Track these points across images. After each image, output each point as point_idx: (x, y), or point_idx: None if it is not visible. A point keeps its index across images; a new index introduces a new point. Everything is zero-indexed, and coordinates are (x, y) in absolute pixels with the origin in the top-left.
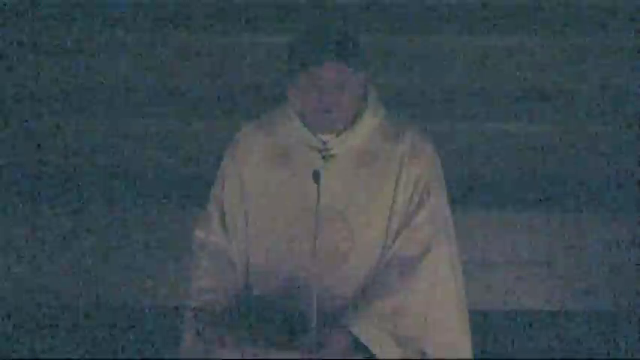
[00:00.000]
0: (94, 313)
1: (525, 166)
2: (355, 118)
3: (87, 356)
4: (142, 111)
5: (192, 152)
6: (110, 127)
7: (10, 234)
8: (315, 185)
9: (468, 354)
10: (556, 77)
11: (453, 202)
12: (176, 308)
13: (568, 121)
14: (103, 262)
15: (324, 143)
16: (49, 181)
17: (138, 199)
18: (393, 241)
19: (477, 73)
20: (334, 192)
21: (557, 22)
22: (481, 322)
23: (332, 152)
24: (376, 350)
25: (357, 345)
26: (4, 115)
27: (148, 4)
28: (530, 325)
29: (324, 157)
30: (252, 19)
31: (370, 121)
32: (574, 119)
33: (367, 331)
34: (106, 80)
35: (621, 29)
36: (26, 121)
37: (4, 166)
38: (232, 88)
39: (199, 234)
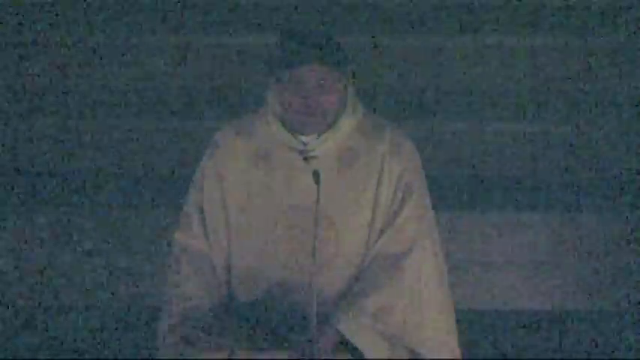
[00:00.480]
0: (93, 313)
1: (525, 166)
2: (335, 118)
3: (87, 356)
4: (142, 111)
5: (191, 152)
6: (110, 128)
7: (9, 234)
8: (299, 185)
9: (456, 352)
10: (556, 77)
11: (453, 202)
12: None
13: (568, 121)
14: (102, 262)
15: (305, 144)
16: (49, 182)
17: (137, 199)
18: (377, 240)
19: (477, 73)
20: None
21: (557, 22)
22: (481, 322)
23: (313, 153)
24: (363, 347)
25: (345, 343)
26: (4, 115)
27: (148, 4)
28: (530, 325)
29: (305, 159)
30: (252, 19)
31: (349, 121)
32: (574, 119)
33: (354, 328)
34: (106, 80)
35: (621, 29)
36: (26, 121)
37: (3, 166)
38: (232, 88)
39: (179, 237)
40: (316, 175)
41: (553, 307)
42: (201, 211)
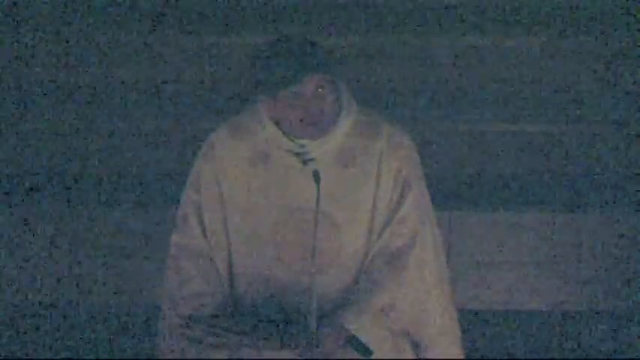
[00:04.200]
0: (93, 314)
1: (526, 166)
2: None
3: (87, 356)
4: (141, 111)
5: (191, 152)
6: (110, 127)
7: (9, 234)
8: (298, 186)
9: (458, 344)
10: (556, 77)
11: (453, 202)
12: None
13: (568, 121)
14: (102, 262)
15: (302, 147)
16: (49, 182)
17: (137, 199)
18: (379, 237)
19: (476, 73)
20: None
21: (557, 22)
22: (481, 322)
23: (311, 156)
24: (375, 346)
25: (351, 343)
26: (4, 115)
27: (146, 4)
28: (530, 325)
29: (303, 161)
30: (251, 19)
31: (345, 121)
32: (574, 119)
33: (365, 327)
34: (106, 80)
35: (621, 29)
36: (26, 121)
37: (3, 166)
38: (231, 88)
39: (177, 239)
40: (316, 175)
41: (553, 307)
42: (199, 212)
